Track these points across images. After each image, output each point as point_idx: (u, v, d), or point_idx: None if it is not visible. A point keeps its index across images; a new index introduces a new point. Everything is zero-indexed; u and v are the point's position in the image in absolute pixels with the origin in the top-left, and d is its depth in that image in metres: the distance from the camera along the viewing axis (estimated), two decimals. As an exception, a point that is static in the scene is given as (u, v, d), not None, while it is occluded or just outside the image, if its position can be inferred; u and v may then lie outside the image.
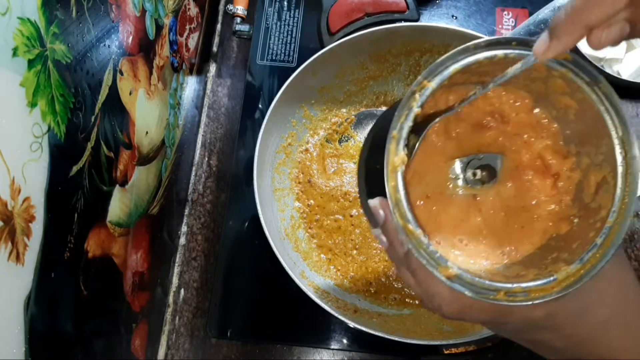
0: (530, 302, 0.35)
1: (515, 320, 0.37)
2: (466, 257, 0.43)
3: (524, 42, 0.39)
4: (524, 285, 0.36)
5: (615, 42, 0.32)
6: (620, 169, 0.39)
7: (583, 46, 0.74)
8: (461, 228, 0.44)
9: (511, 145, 0.46)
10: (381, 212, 0.41)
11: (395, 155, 0.38)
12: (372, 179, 0.45)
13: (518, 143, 0.46)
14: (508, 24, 0.72)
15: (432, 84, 0.39)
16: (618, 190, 0.38)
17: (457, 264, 0.36)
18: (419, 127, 0.41)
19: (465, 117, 0.45)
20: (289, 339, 0.69)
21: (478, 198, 0.45)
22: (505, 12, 0.72)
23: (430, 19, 0.74)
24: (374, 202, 0.41)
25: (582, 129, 0.43)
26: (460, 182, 0.45)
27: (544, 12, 0.53)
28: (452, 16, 0.74)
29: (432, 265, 0.36)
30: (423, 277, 0.38)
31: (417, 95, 0.39)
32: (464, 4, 0.74)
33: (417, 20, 0.72)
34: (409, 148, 0.41)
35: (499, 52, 0.40)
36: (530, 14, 0.70)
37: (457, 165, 0.45)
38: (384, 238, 0.43)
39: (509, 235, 0.44)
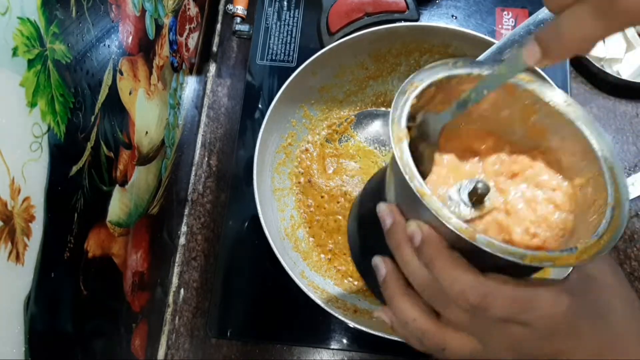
0: (555, 266, 0.35)
1: (538, 318, 0.36)
2: None
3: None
4: (548, 253, 0.36)
5: None
6: (604, 168, 0.40)
7: (583, 46, 0.74)
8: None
9: (492, 167, 0.48)
10: (388, 218, 0.40)
11: (399, 130, 0.39)
12: (367, 227, 0.46)
13: (495, 163, 0.48)
14: (508, 24, 0.72)
15: (423, 84, 0.41)
16: (607, 178, 0.40)
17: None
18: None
19: (450, 149, 0.48)
20: (289, 339, 0.69)
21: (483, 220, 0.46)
22: (505, 12, 0.72)
23: (430, 19, 0.74)
24: (382, 207, 0.41)
25: (557, 146, 0.45)
26: (464, 210, 0.46)
27: (543, 12, 0.53)
28: (452, 16, 0.74)
29: (453, 224, 0.35)
30: (441, 264, 0.36)
31: (410, 90, 0.41)
32: (463, 4, 0.74)
33: (417, 20, 0.72)
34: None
35: (475, 70, 0.43)
36: (530, 14, 0.70)
37: (454, 194, 0.47)
38: (382, 266, 0.42)
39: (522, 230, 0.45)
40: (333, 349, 0.67)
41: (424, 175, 0.47)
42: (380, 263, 0.42)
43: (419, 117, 0.44)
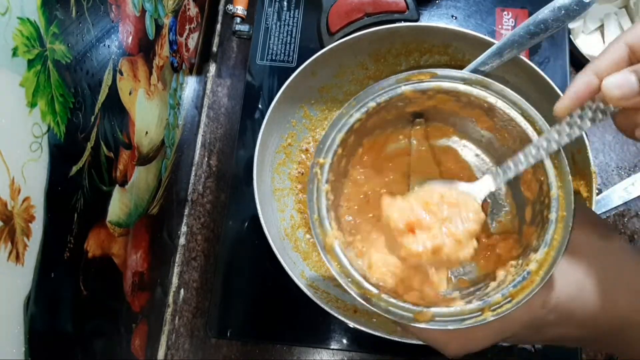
0: (517, 306, 0.34)
1: (521, 329, 0.36)
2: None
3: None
4: (503, 292, 0.35)
5: None
6: (534, 139, 0.40)
7: (582, 45, 0.74)
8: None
9: None
10: None
11: (326, 236, 0.39)
12: None
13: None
14: (508, 24, 0.72)
15: (328, 159, 0.41)
16: (546, 162, 0.39)
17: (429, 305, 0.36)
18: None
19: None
20: (288, 339, 0.69)
21: None
22: (505, 12, 0.72)
23: (430, 19, 0.74)
24: None
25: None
26: None
27: (543, 13, 0.53)
28: (452, 16, 0.74)
29: (406, 318, 0.36)
30: (415, 330, 0.38)
31: (319, 176, 0.40)
32: (463, 4, 0.74)
33: (416, 21, 0.71)
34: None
35: (372, 103, 0.44)
36: (530, 14, 0.70)
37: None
38: None
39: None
40: (333, 349, 0.67)
41: None
42: None
43: None
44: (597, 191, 0.53)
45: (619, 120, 0.35)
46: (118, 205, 0.58)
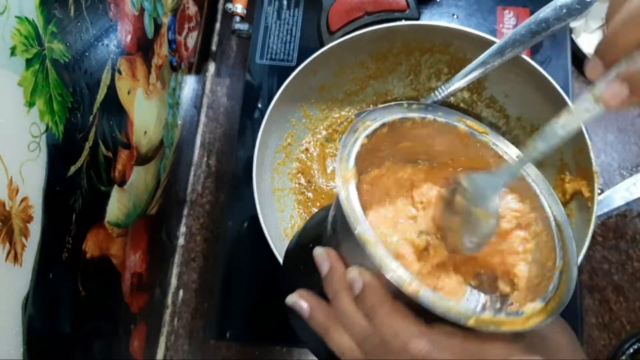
0: (500, 331, 0.33)
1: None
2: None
3: (448, 112, 0.44)
4: (495, 317, 0.34)
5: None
6: (552, 223, 0.40)
7: (584, 44, 0.74)
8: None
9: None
10: (325, 263, 0.37)
11: (347, 171, 0.38)
12: (296, 276, 0.45)
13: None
14: (509, 23, 0.71)
15: (376, 124, 0.41)
16: (556, 241, 0.40)
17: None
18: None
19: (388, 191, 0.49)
20: (288, 341, 0.68)
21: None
22: (507, 11, 0.72)
23: (431, 18, 0.74)
24: (318, 251, 0.38)
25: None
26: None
27: (545, 11, 0.52)
28: (453, 15, 0.74)
29: (396, 280, 0.33)
30: (383, 314, 0.34)
31: (362, 129, 0.40)
32: (464, 3, 0.74)
33: (417, 19, 0.71)
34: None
35: (429, 115, 0.43)
36: (532, 13, 0.70)
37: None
38: (304, 304, 0.39)
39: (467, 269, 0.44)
40: (333, 350, 0.67)
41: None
42: (297, 299, 0.39)
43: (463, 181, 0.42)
44: (599, 191, 0.53)
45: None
46: (116, 206, 0.57)
